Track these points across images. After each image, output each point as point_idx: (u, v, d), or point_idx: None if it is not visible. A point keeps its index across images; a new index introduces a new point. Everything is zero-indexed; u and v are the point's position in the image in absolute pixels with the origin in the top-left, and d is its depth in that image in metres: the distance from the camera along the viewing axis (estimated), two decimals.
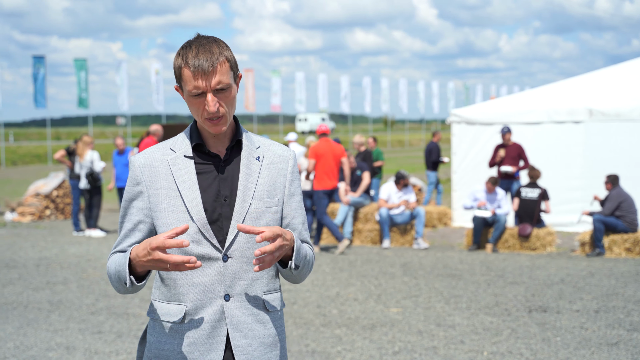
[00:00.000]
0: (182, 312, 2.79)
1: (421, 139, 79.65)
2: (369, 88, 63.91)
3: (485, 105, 17.63)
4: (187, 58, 2.72)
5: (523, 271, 11.37)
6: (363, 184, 14.70)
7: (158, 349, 2.83)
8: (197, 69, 2.70)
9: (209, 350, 2.78)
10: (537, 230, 13.38)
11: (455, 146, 16.89)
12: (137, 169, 2.84)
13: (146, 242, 2.62)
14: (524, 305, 9.14)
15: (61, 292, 10.10)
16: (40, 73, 39.17)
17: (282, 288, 10.09)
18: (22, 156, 51.66)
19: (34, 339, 7.84)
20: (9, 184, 30.84)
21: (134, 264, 2.68)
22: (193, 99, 2.76)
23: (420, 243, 13.89)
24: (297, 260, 2.80)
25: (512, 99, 17.89)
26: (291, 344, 7.51)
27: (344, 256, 12.99)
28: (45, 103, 39.82)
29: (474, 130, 16.57)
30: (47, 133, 51.03)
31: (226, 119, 2.79)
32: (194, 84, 2.71)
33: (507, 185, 14.61)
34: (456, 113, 16.94)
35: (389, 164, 40.55)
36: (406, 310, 8.92)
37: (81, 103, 41.31)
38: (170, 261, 2.58)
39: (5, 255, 13.33)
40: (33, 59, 39.23)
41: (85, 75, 41.09)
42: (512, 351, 7.23)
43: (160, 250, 2.59)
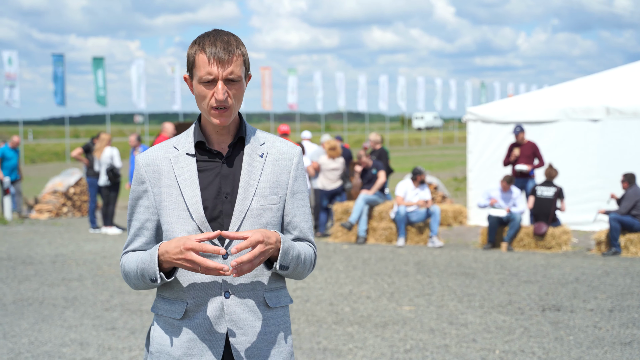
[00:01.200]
0: (183, 308, 2.81)
1: (438, 138, 79.47)
2: (386, 86, 63.85)
3: (501, 104, 17.58)
4: (204, 45, 2.75)
5: (537, 270, 11.34)
6: (378, 182, 14.70)
7: (160, 344, 2.86)
8: (213, 55, 2.73)
9: (208, 347, 2.80)
10: (552, 229, 13.33)
11: (471, 144, 16.85)
12: (141, 168, 2.87)
13: (178, 241, 2.66)
14: (537, 304, 9.11)
15: (76, 289, 10.17)
16: (59, 71, 39.38)
17: (294, 285, 10.13)
18: (40, 154, 52.03)
19: (48, 334, 7.90)
20: (28, 181, 31.04)
21: (160, 259, 2.72)
22: (203, 85, 2.77)
23: (435, 241, 13.88)
24: (283, 262, 2.79)
25: (528, 97, 17.82)
26: (303, 342, 7.53)
27: (358, 254, 13.00)
28: (64, 101, 40.04)
29: (489, 129, 16.53)
30: (66, 131, 51.30)
31: (231, 112, 2.80)
32: (208, 70, 2.74)
33: (522, 183, 14.56)
34: (472, 111, 16.90)
35: (405, 162, 40.52)
36: (419, 309, 8.92)
37: (99, 101, 41.51)
38: (204, 265, 2.62)
39: (22, 251, 13.43)
40: (53, 57, 39.44)
41: (103, 73, 41.27)
42: (524, 350, 7.21)
43: (194, 252, 2.63)
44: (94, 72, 41.04)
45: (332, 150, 15.28)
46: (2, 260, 12.56)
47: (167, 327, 2.85)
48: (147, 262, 2.76)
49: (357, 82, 61.08)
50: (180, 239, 2.67)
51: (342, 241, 14.64)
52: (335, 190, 15.39)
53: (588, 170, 15.29)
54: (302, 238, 2.97)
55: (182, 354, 2.80)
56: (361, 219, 14.39)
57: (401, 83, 66.35)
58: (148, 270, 2.75)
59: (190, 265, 2.65)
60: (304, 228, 2.97)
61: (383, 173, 14.87)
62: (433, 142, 76.83)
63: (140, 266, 2.79)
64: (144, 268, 2.77)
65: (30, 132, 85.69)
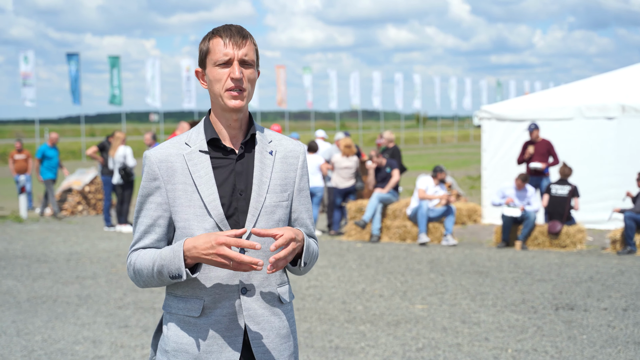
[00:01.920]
0: (201, 306, 2.81)
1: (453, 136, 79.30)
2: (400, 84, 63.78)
3: (516, 102, 17.51)
4: (218, 31, 2.83)
5: (552, 269, 11.29)
6: (392, 181, 14.68)
7: (176, 343, 2.85)
8: (229, 38, 2.80)
9: (227, 343, 2.82)
10: (567, 228, 13.27)
11: (485, 143, 16.80)
12: (153, 165, 2.86)
13: (209, 236, 2.65)
14: (550, 302, 9.07)
15: (90, 287, 10.20)
16: (74, 70, 39.54)
17: (307, 283, 10.14)
18: None
19: (61, 332, 7.93)
20: None
21: (186, 255, 2.71)
22: (218, 69, 2.80)
23: (449, 239, 13.85)
24: (306, 259, 2.86)
25: (543, 95, 17.74)
26: (315, 340, 7.53)
27: (371, 252, 12.98)
28: (80, 100, 40.21)
29: (504, 127, 16.47)
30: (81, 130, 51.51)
31: (246, 96, 2.83)
32: (224, 51, 2.79)
33: (536, 182, 14.50)
34: (486, 109, 16.85)
35: (420, 160, 40.45)
36: (431, 307, 8.90)
37: (114, 100, 41.65)
38: (238, 259, 2.62)
39: (37, 250, 13.49)
40: (67, 56, 39.62)
41: (118, 72, 41.40)
42: (537, 349, 7.18)
43: (227, 247, 2.63)
44: (110, 71, 41.19)
45: (347, 148, 15.26)
46: (17, 258, 12.62)
47: (183, 325, 2.84)
48: (168, 259, 2.73)
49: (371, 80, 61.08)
50: (210, 234, 2.66)
51: (355, 239, 14.64)
52: (348, 189, 15.37)
53: (603, 169, 15.21)
54: (307, 234, 3.02)
55: (202, 351, 2.81)
56: (375, 217, 14.38)
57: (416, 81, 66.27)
58: (169, 266, 2.73)
59: (222, 260, 2.64)
60: (309, 224, 3.02)
61: (397, 171, 14.85)
62: (448, 141, 76.67)
63: (159, 263, 2.76)
64: (163, 265, 2.74)
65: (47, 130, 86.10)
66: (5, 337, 7.74)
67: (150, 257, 2.80)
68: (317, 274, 10.94)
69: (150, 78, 44.33)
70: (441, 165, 14.21)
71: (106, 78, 42.48)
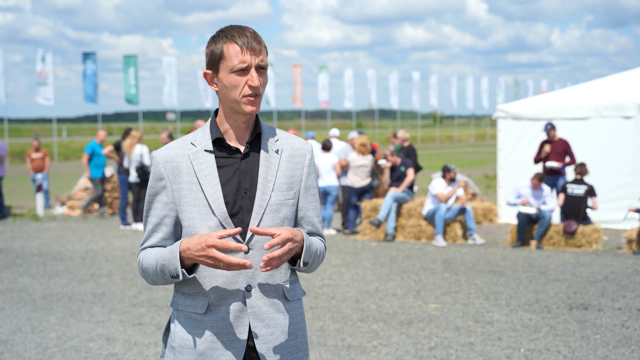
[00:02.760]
0: (206, 303, 2.84)
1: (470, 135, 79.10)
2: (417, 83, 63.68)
3: (532, 101, 17.44)
4: (232, 36, 2.80)
5: (566, 268, 11.25)
6: (407, 180, 14.66)
7: (182, 339, 2.89)
8: (246, 44, 2.79)
9: (232, 340, 2.84)
10: (582, 227, 13.21)
11: (501, 142, 16.74)
12: (159, 165, 2.89)
13: (199, 238, 2.68)
14: (564, 302, 9.04)
15: (105, 285, 10.26)
16: (90, 69, 39.72)
17: (321, 282, 10.14)
18: (74, 151, 52.56)
19: (76, 329, 7.98)
20: (61, 178, 31.39)
21: (182, 256, 2.75)
22: (235, 75, 2.80)
23: (476, 239, 13.84)
24: (306, 259, 2.86)
25: (559, 94, 17.66)
26: (327, 338, 7.54)
27: (386, 251, 12.98)
28: (96, 99, 40.39)
29: (520, 126, 16.41)
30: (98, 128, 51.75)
31: (260, 100, 2.87)
32: (241, 58, 2.78)
33: (552, 181, 14.44)
34: (502, 108, 16.79)
35: (436, 159, 40.36)
36: (445, 306, 8.89)
37: (129, 99, 41.81)
38: (226, 261, 2.64)
39: (53, 248, 13.58)
40: (83, 55, 39.81)
41: (134, 71, 41.55)
42: (549, 348, 7.16)
43: (216, 249, 2.65)
44: (125, 71, 41.35)
45: (363, 147, 15.26)
46: (34, 256, 12.71)
47: (189, 322, 2.88)
48: (167, 259, 2.78)
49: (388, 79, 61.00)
50: (201, 235, 2.69)
51: (370, 238, 14.63)
52: (364, 188, 15.36)
53: (620, 168, 15.12)
54: (314, 232, 3.03)
55: (207, 348, 2.84)
56: (390, 216, 14.37)
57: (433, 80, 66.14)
58: (169, 266, 2.77)
59: (212, 262, 2.67)
60: (316, 222, 3.03)
61: (412, 171, 14.83)
62: (465, 140, 76.50)
63: (161, 262, 2.81)
64: (164, 264, 2.79)
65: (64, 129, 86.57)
66: (20, 334, 7.80)
67: (154, 257, 2.85)
68: (331, 273, 10.95)
69: (167, 77, 44.49)
70: (449, 165, 14.18)
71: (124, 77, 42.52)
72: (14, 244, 14.13)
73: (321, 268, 11.33)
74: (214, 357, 2.84)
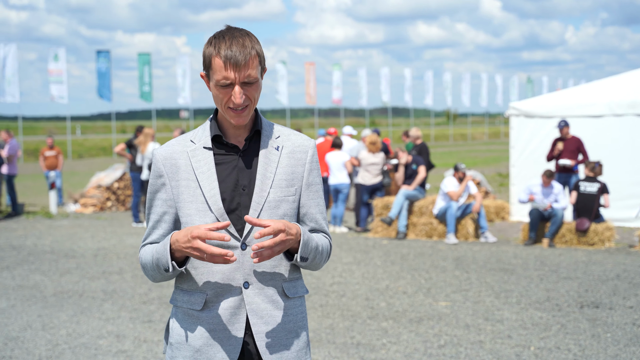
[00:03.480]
0: (203, 299, 2.84)
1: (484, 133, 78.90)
2: (431, 81, 63.56)
3: (545, 98, 17.36)
4: (219, 48, 2.75)
5: (578, 266, 11.19)
6: (418, 178, 14.64)
7: (179, 335, 2.90)
8: (229, 60, 2.73)
9: (228, 337, 2.83)
10: (595, 225, 13.14)
11: (513, 140, 16.68)
12: (158, 162, 2.91)
13: (187, 230, 2.69)
14: (575, 300, 9.00)
15: (116, 282, 10.29)
16: (104, 67, 39.84)
17: (331, 280, 10.13)
18: (88, 149, 52.75)
19: (86, 326, 8.01)
20: (75, 176, 31.51)
21: (173, 248, 2.76)
22: (220, 88, 2.78)
23: (488, 237, 13.80)
24: (303, 253, 2.83)
25: (572, 91, 17.58)
26: (336, 336, 7.54)
27: (397, 249, 12.96)
28: (110, 97, 40.52)
29: (533, 124, 16.34)
30: (112, 126, 51.93)
31: (249, 111, 2.83)
32: (224, 74, 2.74)
33: (565, 179, 14.38)
34: (515, 106, 16.73)
35: (449, 157, 40.28)
36: (455, 304, 8.86)
37: (143, 97, 41.92)
38: (209, 252, 2.64)
39: (65, 245, 13.63)
40: (97, 53, 39.93)
41: (148, 69, 41.66)
42: (559, 347, 7.13)
43: (201, 240, 2.65)
44: (140, 68, 41.46)
45: (373, 145, 15.24)
46: (46, 253, 12.76)
47: (186, 318, 2.88)
48: (160, 252, 2.80)
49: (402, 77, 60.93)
50: (189, 228, 2.70)
51: (382, 236, 14.61)
52: (375, 185, 15.34)
53: (632, 166, 15.04)
54: (317, 229, 3.01)
55: (203, 345, 2.84)
56: (401, 214, 14.35)
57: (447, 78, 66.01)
58: (162, 259, 2.79)
59: (197, 254, 2.68)
60: (319, 219, 3.00)
61: (423, 168, 14.81)
62: (479, 138, 76.31)
63: (156, 256, 2.82)
64: (158, 258, 2.81)
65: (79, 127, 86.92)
66: (30, 331, 7.83)
67: (151, 252, 2.87)
68: (342, 271, 10.94)
69: (180, 75, 44.57)
70: (460, 163, 14.15)
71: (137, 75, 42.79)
72: (26, 241, 14.20)
73: (332, 266, 11.32)
74: (209, 353, 2.84)
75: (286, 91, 51.78)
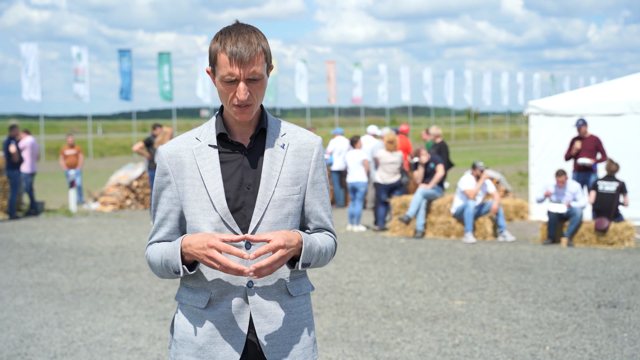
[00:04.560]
0: (207, 298, 2.85)
1: (505, 132, 78.56)
2: (451, 80, 63.37)
3: (565, 97, 17.25)
4: (225, 44, 2.74)
5: (596, 266, 11.11)
6: (436, 176, 14.59)
7: (183, 332, 2.90)
8: (234, 56, 2.72)
9: (231, 335, 2.83)
10: (614, 225, 13.04)
11: (533, 138, 16.60)
12: (164, 160, 2.90)
13: (203, 237, 2.69)
14: (593, 300, 8.93)
15: (132, 280, 10.33)
16: (125, 66, 40.02)
17: (347, 279, 10.11)
18: (109, 148, 53.02)
19: (101, 324, 8.04)
20: (96, 174, 31.70)
21: (183, 251, 2.76)
22: (225, 84, 2.77)
23: (507, 236, 13.73)
24: (305, 260, 2.82)
25: (592, 90, 17.46)
26: (351, 335, 7.52)
27: (414, 248, 12.92)
28: (131, 96, 40.70)
29: (552, 122, 16.25)
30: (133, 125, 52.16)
31: (253, 108, 2.82)
32: (229, 71, 2.73)
33: (583, 178, 14.28)
34: (534, 105, 16.64)
35: (470, 156, 40.13)
36: (471, 303, 8.82)
37: (164, 96, 42.07)
38: (225, 264, 2.65)
39: (83, 243, 13.70)
40: (119, 52, 40.12)
41: (168, 68, 41.80)
42: (575, 346, 7.08)
43: (217, 250, 2.65)
44: (159, 68, 41.61)
45: (390, 144, 15.20)
46: (64, 251, 12.83)
47: (191, 315, 2.89)
48: (170, 254, 2.79)
49: (422, 75, 60.79)
50: (205, 234, 2.70)
51: (400, 235, 14.58)
52: (393, 184, 15.31)
53: None
54: (322, 227, 3.00)
55: (206, 342, 2.84)
56: (419, 213, 14.31)
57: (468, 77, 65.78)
58: (172, 262, 2.79)
59: (210, 262, 2.68)
60: (324, 217, 2.99)
61: (441, 167, 14.76)
62: (500, 137, 75.99)
63: (165, 257, 2.82)
64: (167, 260, 2.81)
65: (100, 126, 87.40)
66: (46, 328, 7.88)
67: (159, 252, 2.86)
68: (358, 269, 10.92)
69: (201, 74, 44.70)
70: (478, 161, 14.08)
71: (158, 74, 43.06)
72: (45, 239, 14.29)
73: (348, 264, 11.30)
74: (212, 351, 2.84)
75: (306, 90, 51.78)
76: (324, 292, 9.44)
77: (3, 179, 18.05)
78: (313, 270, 10.70)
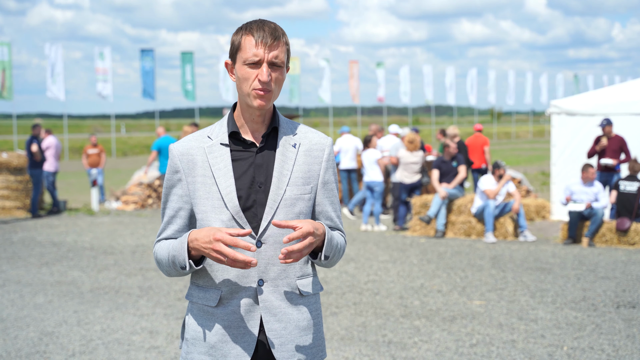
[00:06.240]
0: (218, 296, 2.86)
1: (528, 131, 78.17)
2: (475, 79, 63.13)
3: (587, 96, 17.13)
4: (251, 29, 2.81)
5: (617, 266, 11.03)
6: (459, 177, 14.56)
7: (194, 331, 2.91)
8: (261, 38, 2.78)
9: (242, 334, 2.84)
10: (636, 225, 12.94)
11: (554, 138, 16.49)
12: (175, 157, 2.91)
13: (209, 230, 2.70)
14: (612, 300, 8.87)
15: (152, 279, 10.38)
16: (148, 66, 40.20)
17: (366, 278, 10.10)
18: (132, 147, 53.30)
19: (120, 322, 8.09)
20: (119, 173, 31.88)
21: (190, 247, 2.77)
22: (247, 67, 2.81)
23: (527, 236, 13.66)
24: (327, 252, 2.84)
25: (615, 89, 17.31)
26: (368, 334, 7.52)
27: (434, 248, 12.89)
28: (154, 95, 40.87)
29: (574, 122, 16.13)
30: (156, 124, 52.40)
31: (272, 96, 2.84)
32: (254, 52, 2.78)
33: (606, 178, 14.17)
34: (556, 104, 16.53)
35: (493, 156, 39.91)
36: (489, 303, 8.79)
37: (187, 95, 42.22)
38: (232, 257, 2.65)
39: (104, 242, 13.78)
40: (141, 52, 40.32)
41: (191, 68, 41.94)
42: (593, 347, 7.03)
43: (224, 244, 2.66)
44: (182, 67, 41.76)
45: (411, 144, 15.18)
46: (85, 250, 12.92)
47: (201, 314, 2.90)
48: (177, 249, 2.81)
49: (445, 75, 60.60)
50: (211, 228, 2.71)
51: (420, 235, 14.55)
52: (414, 184, 15.28)
53: None
54: (332, 227, 3.01)
55: (217, 341, 2.85)
56: (440, 212, 14.27)
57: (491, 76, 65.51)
58: (178, 257, 2.80)
59: (217, 256, 2.68)
60: (334, 217, 3.01)
61: (464, 168, 14.73)
62: (523, 136, 75.61)
63: (172, 253, 2.83)
64: (174, 255, 2.82)
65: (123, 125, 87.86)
66: (65, 327, 7.94)
67: (167, 248, 2.88)
68: (377, 269, 10.92)
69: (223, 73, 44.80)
70: (499, 161, 14.04)
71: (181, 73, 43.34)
72: (67, 237, 14.39)
73: (367, 264, 11.30)
74: (224, 350, 2.85)
75: (329, 89, 51.75)
76: (342, 292, 9.44)
77: (26, 177, 18.22)
78: (332, 270, 10.71)
